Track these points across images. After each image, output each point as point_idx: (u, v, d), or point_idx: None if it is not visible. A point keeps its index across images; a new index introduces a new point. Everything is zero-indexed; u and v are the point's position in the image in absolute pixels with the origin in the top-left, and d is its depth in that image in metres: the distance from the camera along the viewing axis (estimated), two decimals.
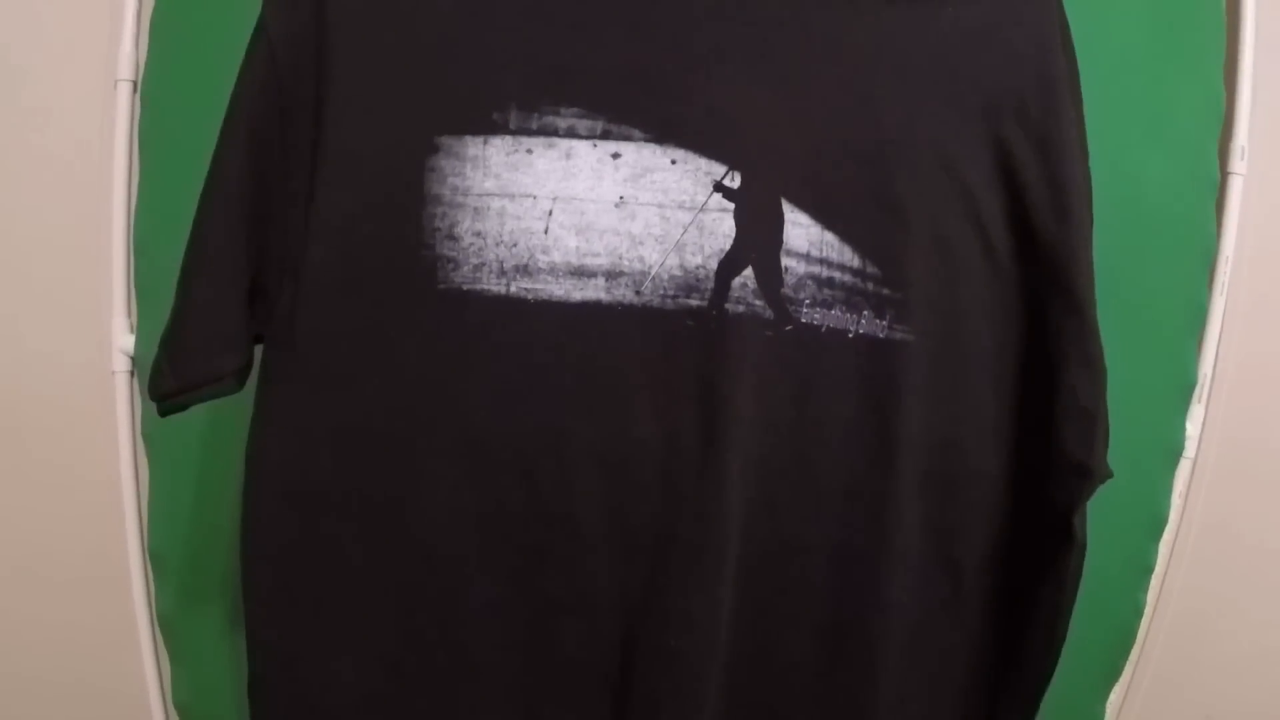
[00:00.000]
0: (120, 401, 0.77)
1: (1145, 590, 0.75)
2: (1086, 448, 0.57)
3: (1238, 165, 0.75)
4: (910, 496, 0.57)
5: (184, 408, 0.58)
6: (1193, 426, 0.75)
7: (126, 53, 0.74)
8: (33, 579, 0.80)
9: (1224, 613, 0.79)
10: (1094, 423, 0.57)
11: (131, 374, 0.78)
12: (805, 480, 0.56)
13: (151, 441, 0.75)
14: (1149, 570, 0.74)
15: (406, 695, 0.57)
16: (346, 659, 0.57)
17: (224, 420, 0.70)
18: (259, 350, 0.58)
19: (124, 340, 0.77)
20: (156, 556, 0.75)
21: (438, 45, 0.55)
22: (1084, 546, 0.58)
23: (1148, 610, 0.76)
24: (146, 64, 0.73)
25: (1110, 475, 0.58)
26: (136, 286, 0.75)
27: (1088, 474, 0.57)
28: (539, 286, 0.54)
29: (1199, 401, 0.75)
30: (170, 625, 0.76)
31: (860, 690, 0.58)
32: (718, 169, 0.55)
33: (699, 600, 0.55)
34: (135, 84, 0.74)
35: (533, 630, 0.56)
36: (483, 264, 0.54)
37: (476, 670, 0.57)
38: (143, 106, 0.73)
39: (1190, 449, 0.76)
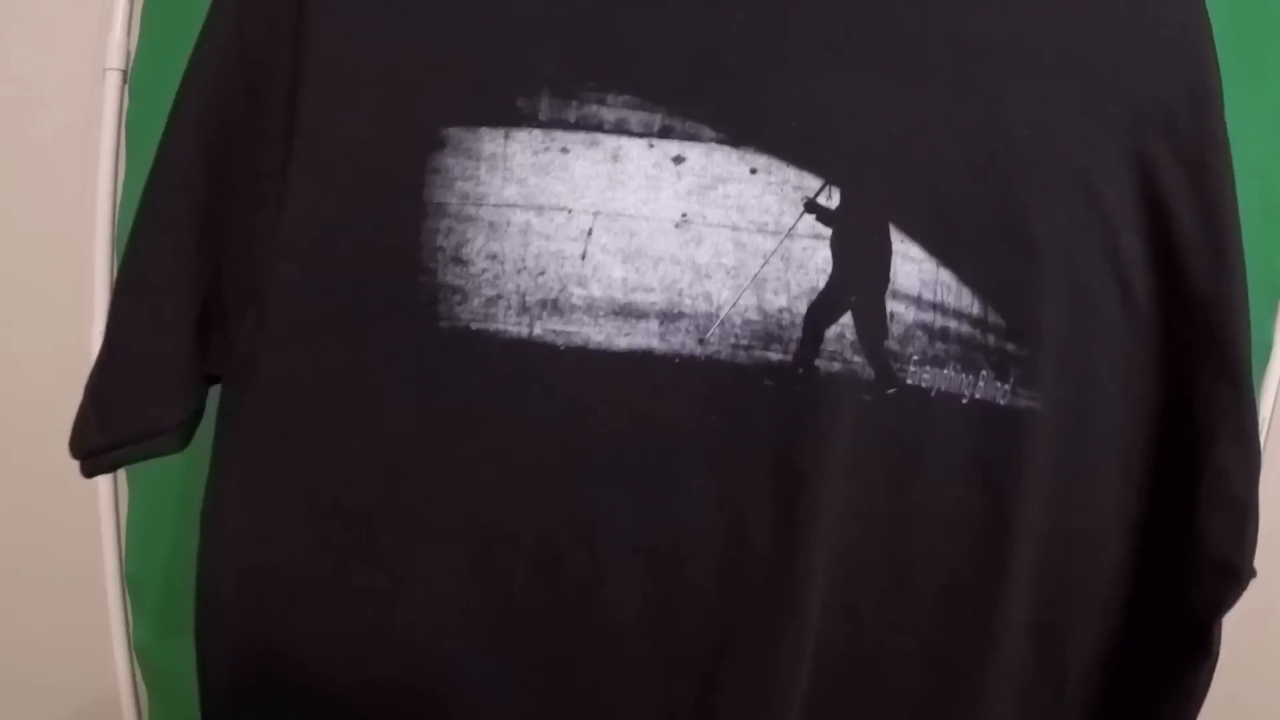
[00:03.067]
0: None
1: None
2: (1235, 544, 0.43)
3: None
4: (1020, 597, 0.43)
5: (114, 468, 0.44)
6: None
7: (117, 41, 0.67)
8: (5, 605, 0.74)
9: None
10: (1245, 514, 0.43)
11: None
12: (897, 579, 0.41)
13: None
14: None
15: None
16: None
17: (209, 440, 0.58)
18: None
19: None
20: (135, 583, 0.68)
21: (449, 10, 0.39)
22: (1217, 658, 0.44)
23: None
24: (137, 54, 0.66)
25: (1255, 575, 0.44)
26: None
27: (1234, 576, 0.43)
28: (572, 329, 0.38)
29: None
30: (148, 654, 0.69)
31: None
32: (811, 183, 0.39)
33: None
34: (125, 74, 0.67)
35: None
36: (499, 296, 0.38)
37: None
38: (132, 98, 0.66)
39: None
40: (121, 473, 0.67)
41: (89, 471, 0.44)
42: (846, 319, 0.39)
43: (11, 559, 0.72)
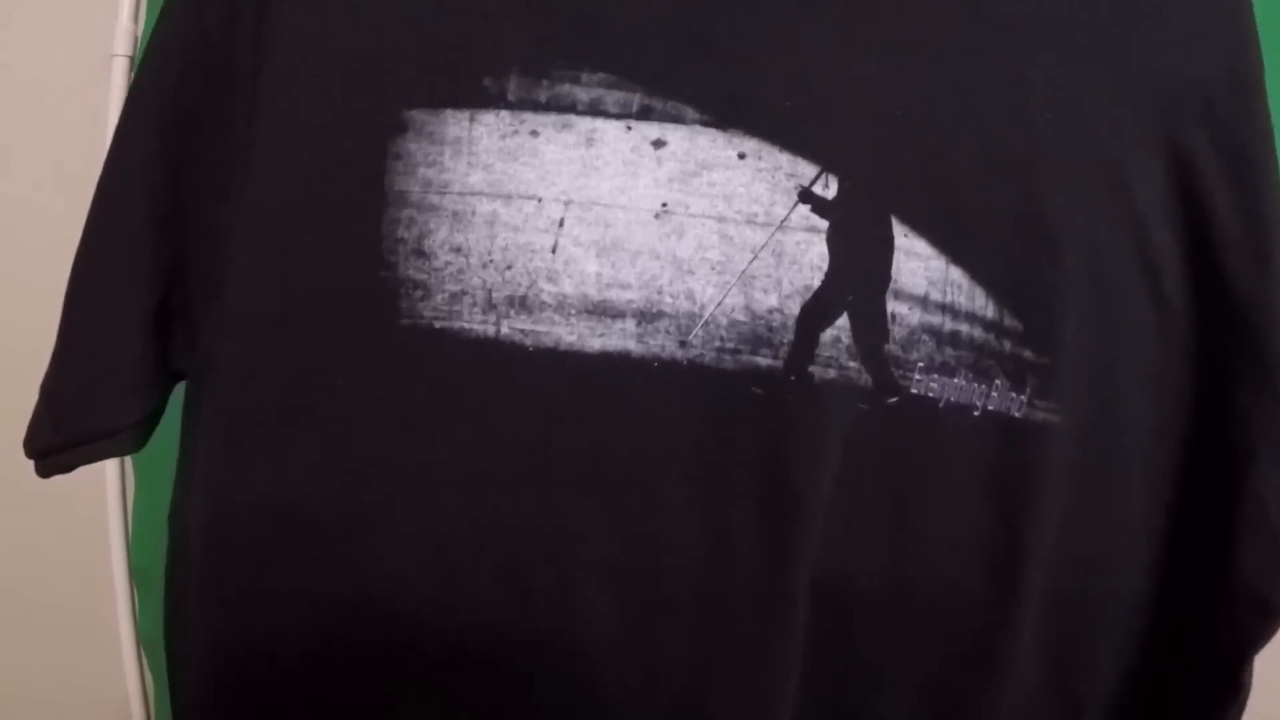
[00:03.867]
0: None
1: None
2: (1271, 577, 0.39)
3: None
4: (1032, 624, 0.38)
5: (70, 468, 0.41)
6: None
7: (124, 27, 0.65)
8: (12, 595, 0.74)
9: None
10: None
11: None
12: (898, 606, 0.37)
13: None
14: None
15: None
16: None
17: None
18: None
19: None
20: (141, 573, 0.67)
21: None
22: (1247, 696, 0.40)
23: None
24: (143, 40, 0.64)
25: None
26: None
27: (1269, 610, 0.39)
28: (541, 329, 0.34)
29: None
30: (154, 645, 0.67)
31: None
32: (806, 170, 0.35)
33: None
34: (132, 60, 0.65)
35: None
36: (463, 292, 0.34)
37: None
38: None
39: None
40: (128, 461, 0.66)
41: (44, 472, 0.41)
42: (844, 321, 0.35)
43: (19, 548, 0.72)
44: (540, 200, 0.35)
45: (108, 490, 0.68)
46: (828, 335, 0.35)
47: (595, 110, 0.34)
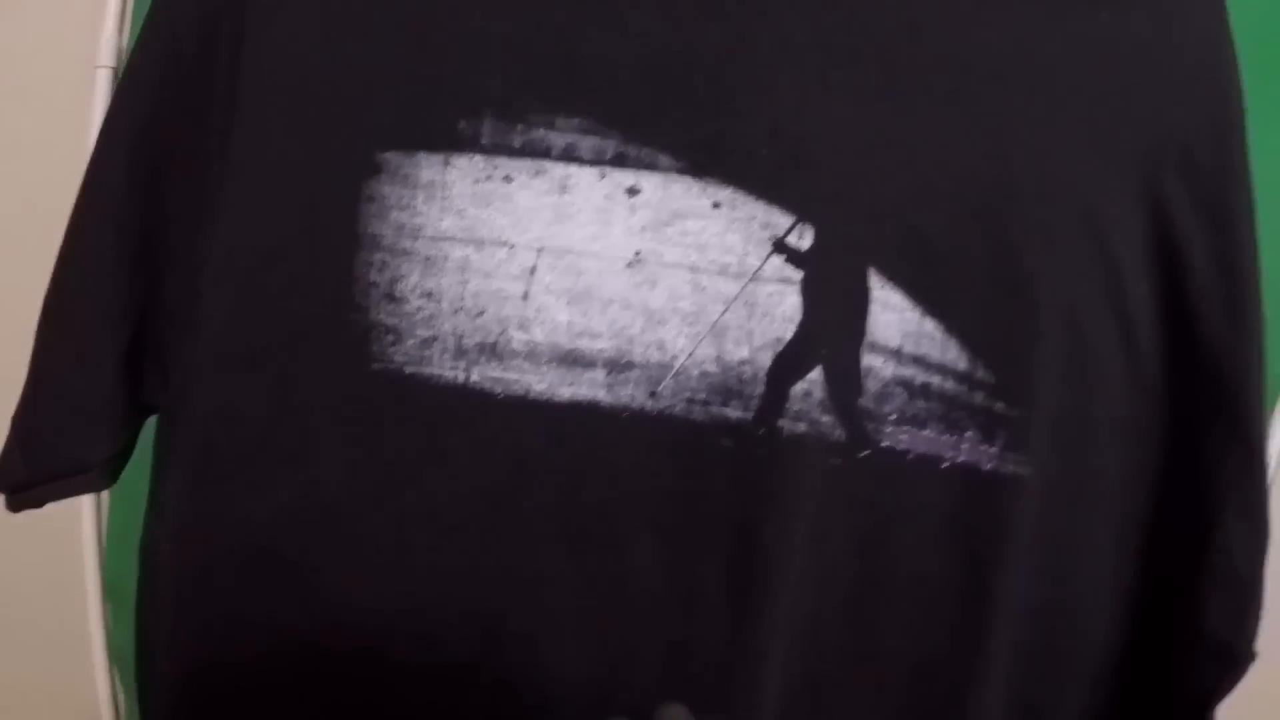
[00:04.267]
0: None
1: None
2: (1235, 626, 0.39)
3: None
4: (998, 675, 0.38)
5: (40, 504, 0.41)
6: None
7: (109, 38, 0.63)
8: None
9: None
10: (1249, 594, 0.39)
11: None
12: (864, 656, 0.37)
13: None
14: None
15: None
16: None
17: None
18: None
19: None
20: (114, 588, 0.65)
21: (390, 24, 0.35)
22: None
23: None
24: (129, 52, 0.61)
25: (1255, 657, 0.39)
26: None
27: (1233, 659, 0.39)
28: (511, 376, 0.34)
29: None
30: (126, 659, 0.64)
31: None
32: (780, 220, 0.35)
33: None
34: (116, 72, 0.64)
35: None
36: (434, 338, 0.34)
37: None
38: None
39: None
40: None
41: (13, 507, 0.41)
42: (816, 374, 0.34)
43: None
44: (513, 247, 0.34)
45: (81, 503, 0.67)
46: (799, 388, 0.34)
47: (569, 156, 0.34)
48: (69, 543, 0.67)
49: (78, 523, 0.66)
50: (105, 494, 0.65)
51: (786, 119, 0.35)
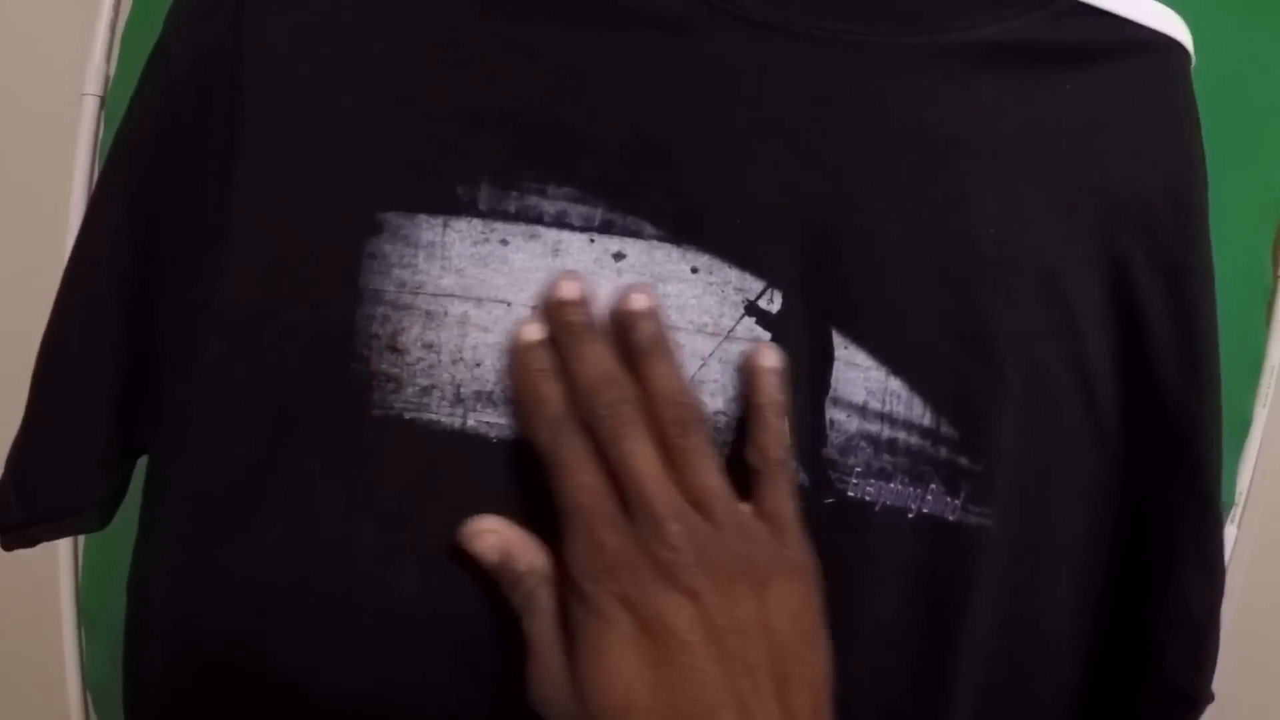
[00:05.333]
0: None
1: None
2: (1192, 669, 0.40)
3: None
4: (966, 718, 0.39)
5: (34, 543, 0.41)
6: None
7: (96, 66, 0.64)
8: None
9: None
10: (1204, 639, 0.40)
11: None
12: (834, 701, 0.38)
13: None
14: None
15: None
16: None
17: None
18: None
19: None
20: (90, 615, 0.65)
21: (390, 89, 0.37)
22: None
23: None
24: (114, 80, 0.64)
25: (1213, 699, 0.41)
26: None
27: (1189, 702, 0.40)
28: (504, 421, 0.36)
29: (1231, 522, 0.59)
30: (102, 690, 0.65)
31: None
32: (753, 285, 0.37)
33: None
34: (103, 100, 0.65)
35: None
36: (433, 386, 0.36)
37: None
38: (107, 124, 0.63)
39: None
40: None
41: (7, 545, 0.42)
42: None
43: None
44: (510, 304, 0.36)
45: None
46: None
47: (560, 223, 0.36)
48: (45, 568, 0.66)
49: (54, 549, 0.65)
50: None
51: (759, 190, 0.37)
